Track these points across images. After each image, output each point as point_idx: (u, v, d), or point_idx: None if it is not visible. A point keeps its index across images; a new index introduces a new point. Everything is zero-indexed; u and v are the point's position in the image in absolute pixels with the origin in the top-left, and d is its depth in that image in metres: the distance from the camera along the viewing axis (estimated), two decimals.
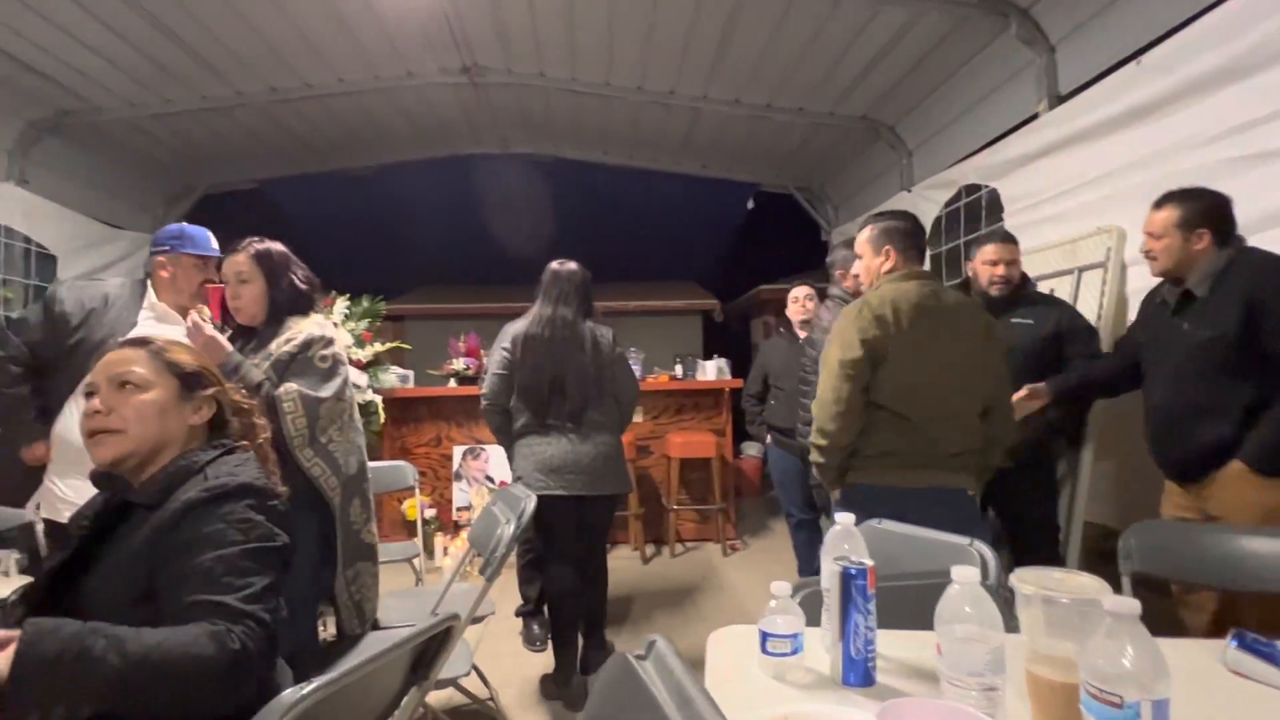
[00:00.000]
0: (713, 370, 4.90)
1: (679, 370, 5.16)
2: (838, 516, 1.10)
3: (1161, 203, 1.99)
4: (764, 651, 1.01)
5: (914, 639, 1.07)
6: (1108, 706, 0.71)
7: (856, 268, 2.13)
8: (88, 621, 0.95)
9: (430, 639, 1.12)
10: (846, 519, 1.11)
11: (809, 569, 3.31)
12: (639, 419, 4.58)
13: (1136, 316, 2.24)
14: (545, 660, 2.71)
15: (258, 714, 0.86)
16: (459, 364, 4.67)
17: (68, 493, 2.06)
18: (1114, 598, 0.75)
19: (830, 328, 2.05)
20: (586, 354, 2.58)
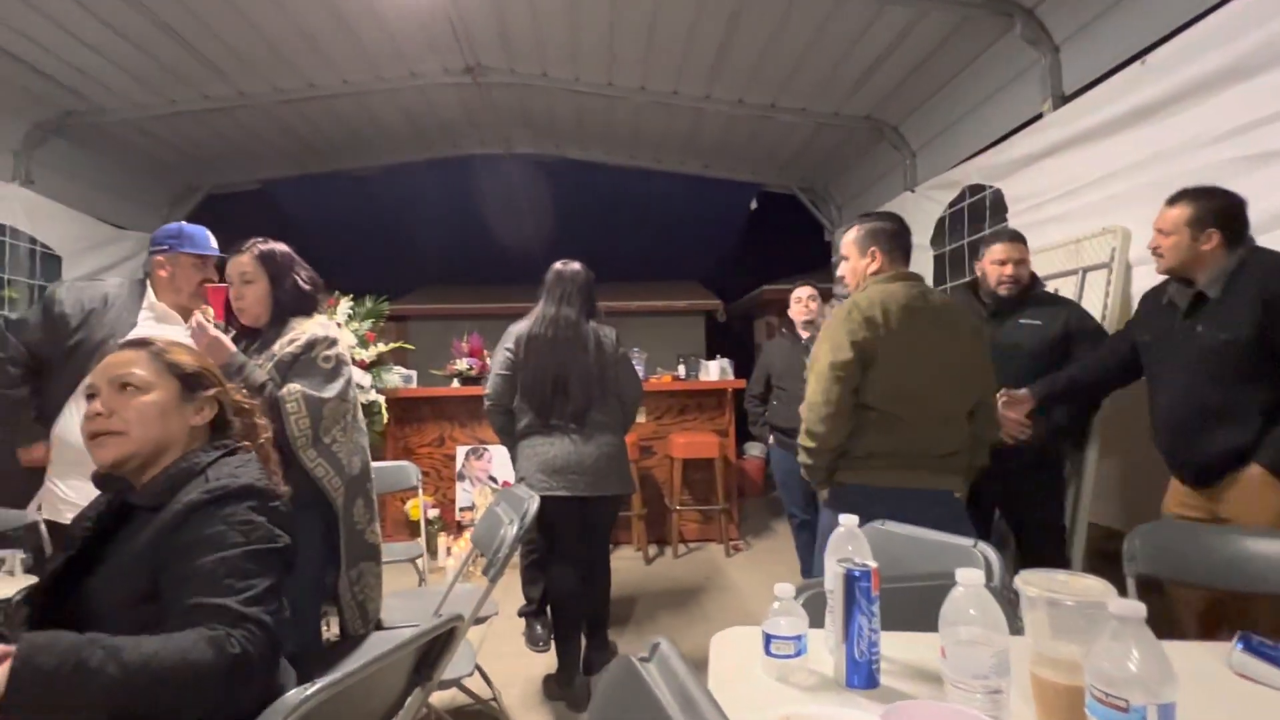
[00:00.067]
0: (716, 370, 4.91)
1: (682, 370, 5.16)
2: (841, 519, 1.10)
3: (1175, 199, 1.95)
4: (767, 653, 1.00)
5: (918, 641, 1.06)
6: (1113, 710, 0.70)
7: (843, 269, 2.11)
8: (86, 628, 0.94)
9: (434, 639, 1.12)
10: (850, 521, 1.10)
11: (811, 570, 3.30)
12: (642, 419, 4.58)
13: (1135, 315, 2.21)
14: (548, 660, 2.71)
15: (262, 715, 0.87)
16: (462, 364, 4.68)
17: (69, 494, 2.07)
18: (1120, 601, 0.75)
19: None
20: (590, 354, 2.58)
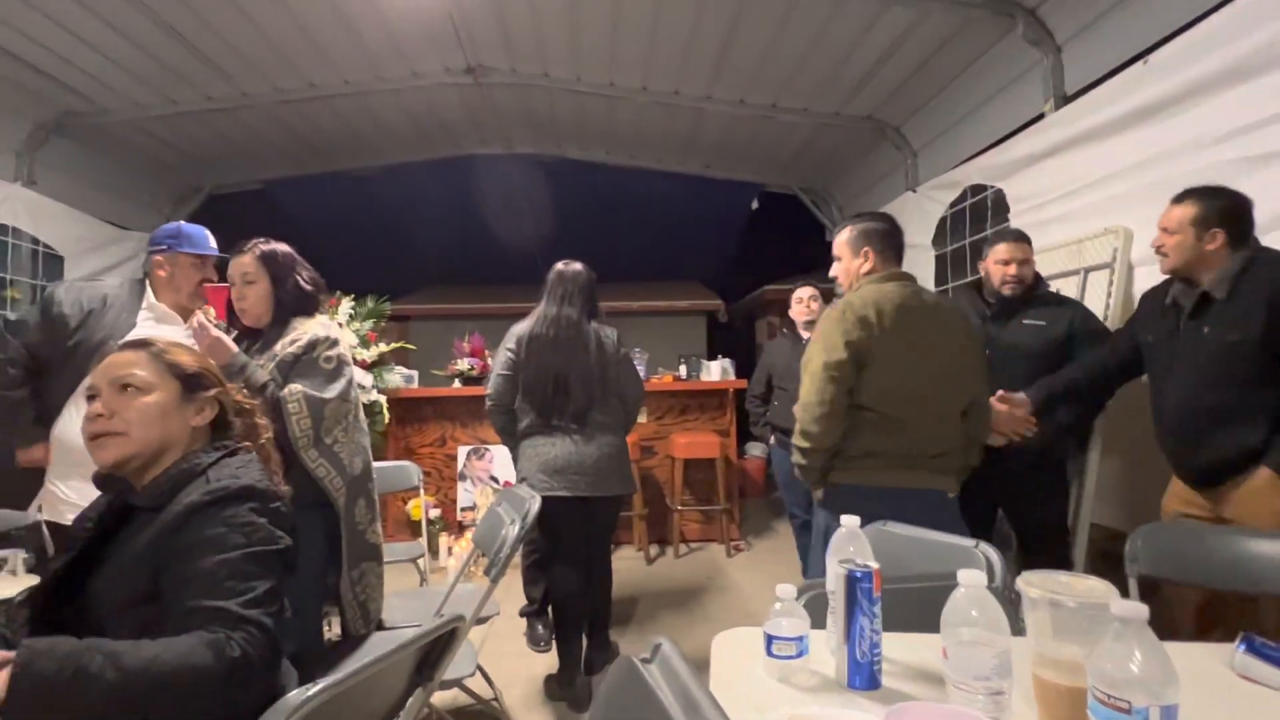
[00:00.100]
0: (717, 371, 4.91)
1: (683, 371, 5.16)
2: (843, 520, 1.10)
3: (1181, 198, 1.94)
4: (769, 654, 1.00)
5: (920, 642, 1.06)
6: (1116, 712, 0.70)
7: (836, 270, 2.11)
8: (88, 628, 0.95)
9: (435, 640, 1.12)
10: (851, 521, 1.10)
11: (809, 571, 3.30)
12: (643, 419, 4.58)
13: (1136, 315, 2.19)
14: (549, 661, 2.71)
15: (263, 715, 0.87)
16: (463, 364, 4.68)
17: (69, 494, 2.06)
18: (1122, 602, 0.75)
19: None
20: (591, 354, 2.58)
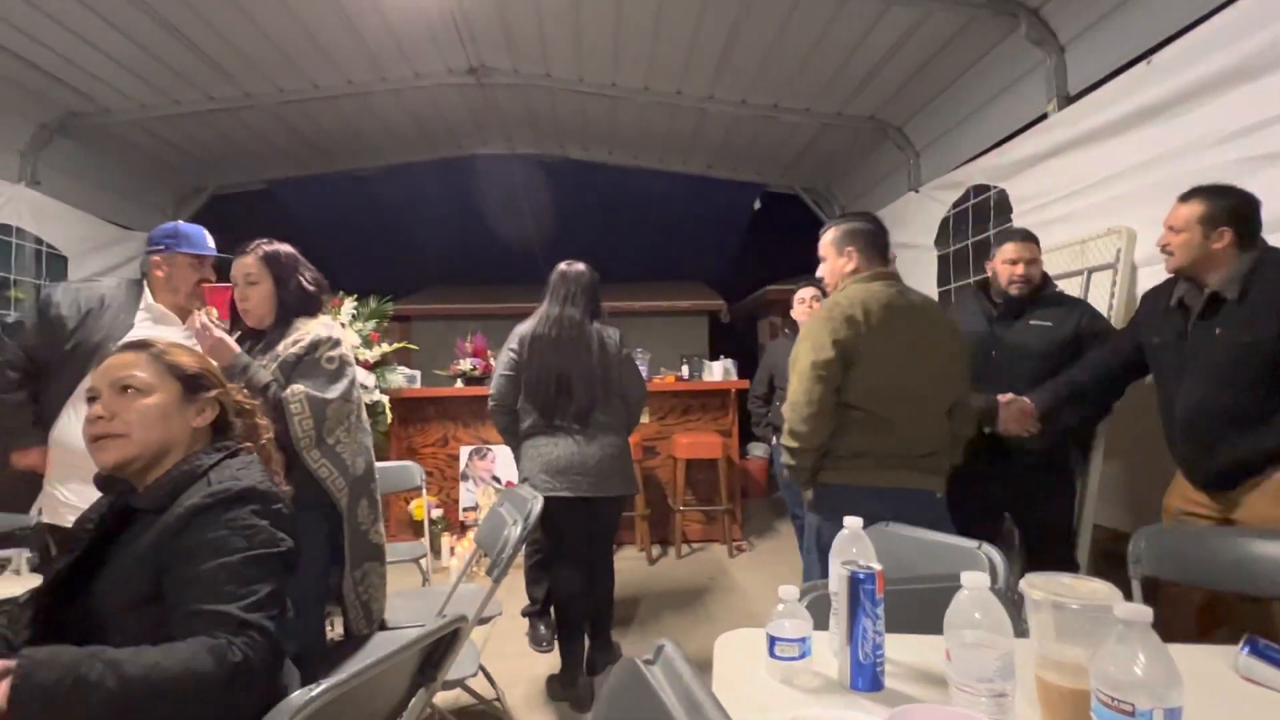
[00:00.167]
0: (719, 371, 4.90)
1: (685, 371, 5.16)
2: (846, 521, 1.10)
3: (1188, 196, 1.92)
4: (771, 655, 1.00)
5: (922, 643, 1.06)
6: (1119, 714, 0.70)
7: (822, 270, 2.12)
8: (90, 629, 0.94)
9: (438, 640, 1.12)
10: (854, 523, 1.10)
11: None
12: (645, 420, 4.58)
13: (1139, 316, 2.18)
14: (551, 661, 2.71)
15: (266, 716, 0.87)
16: (466, 364, 4.68)
17: (69, 497, 2.04)
18: (1126, 604, 0.75)
19: None
20: (593, 355, 2.58)
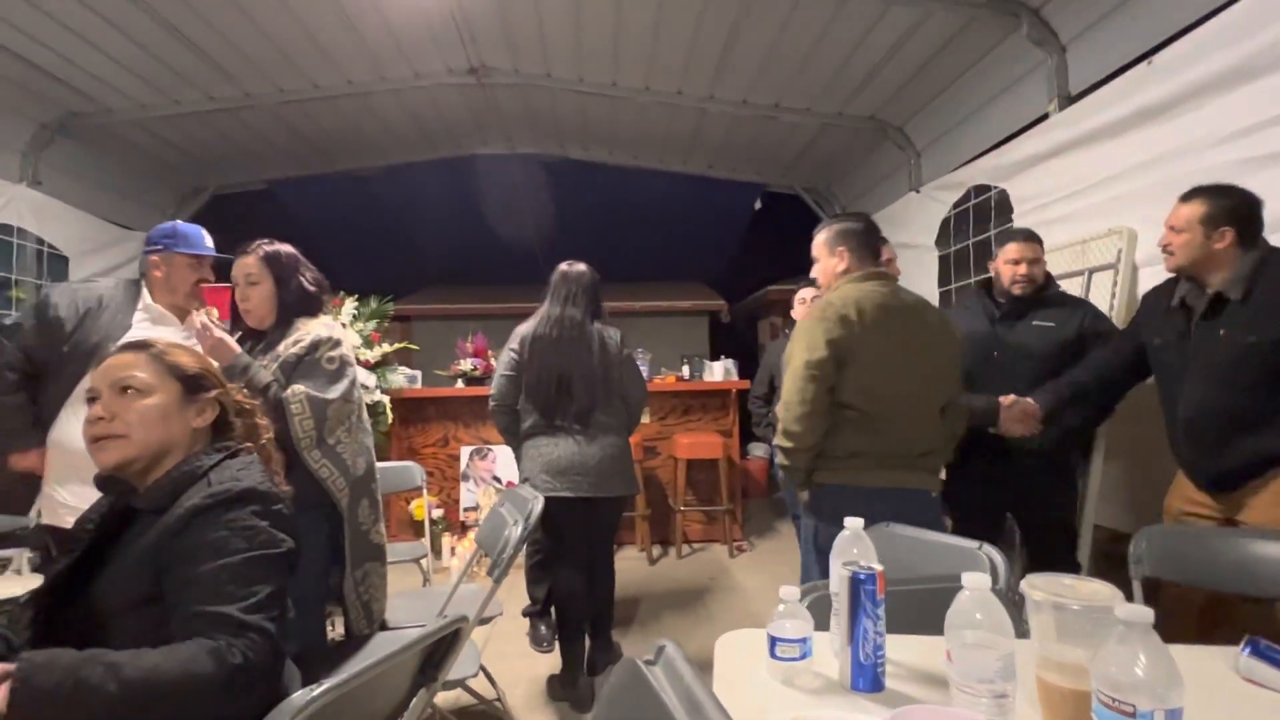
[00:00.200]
0: (720, 371, 4.90)
1: (686, 371, 5.16)
2: (847, 521, 1.10)
3: (1190, 196, 1.91)
4: (772, 656, 1.00)
5: (923, 644, 1.06)
6: (1120, 715, 0.70)
7: (815, 271, 2.13)
8: (91, 630, 0.94)
9: (439, 640, 1.12)
10: (855, 524, 1.10)
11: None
12: (646, 420, 4.58)
13: (1140, 317, 2.18)
14: (552, 661, 2.71)
15: (268, 716, 0.87)
16: (466, 364, 4.68)
17: (68, 498, 2.03)
18: (1127, 605, 0.75)
19: None
20: (594, 355, 2.58)
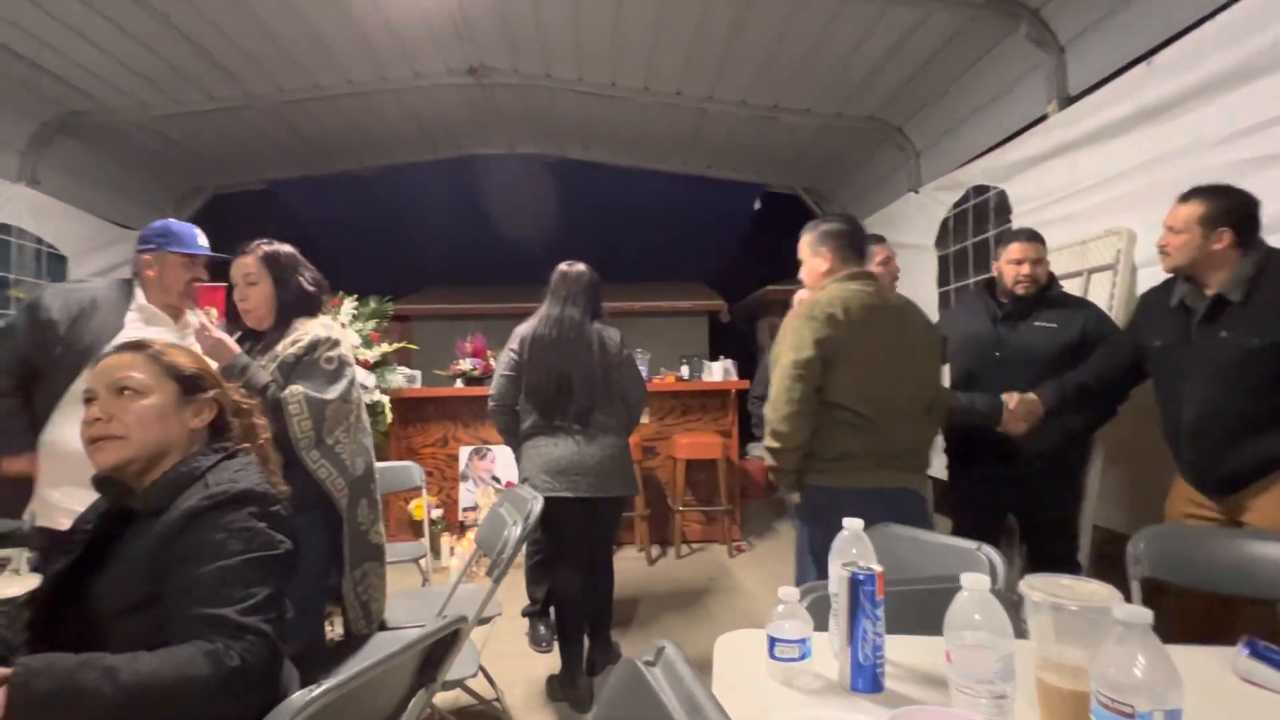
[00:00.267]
0: (719, 371, 4.90)
1: (685, 371, 5.15)
2: (846, 522, 1.10)
3: (1188, 196, 1.90)
4: (772, 656, 1.00)
5: (923, 645, 1.06)
6: (1119, 716, 0.70)
7: (801, 272, 2.15)
8: (90, 631, 0.94)
9: (438, 640, 1.12)
10: (854, 524, 1.10)
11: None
12: (645, 420, 4.58)
13: (1138, 318, 2.18)
14: (551, 661, 2.72)
15: (266, 717, 0.87)
16: (466, 364, 4.68)
17: (62, 500, 1.99)
18: (1125, 606, 0.75)
19: None
20: (594, 355, 2.58)
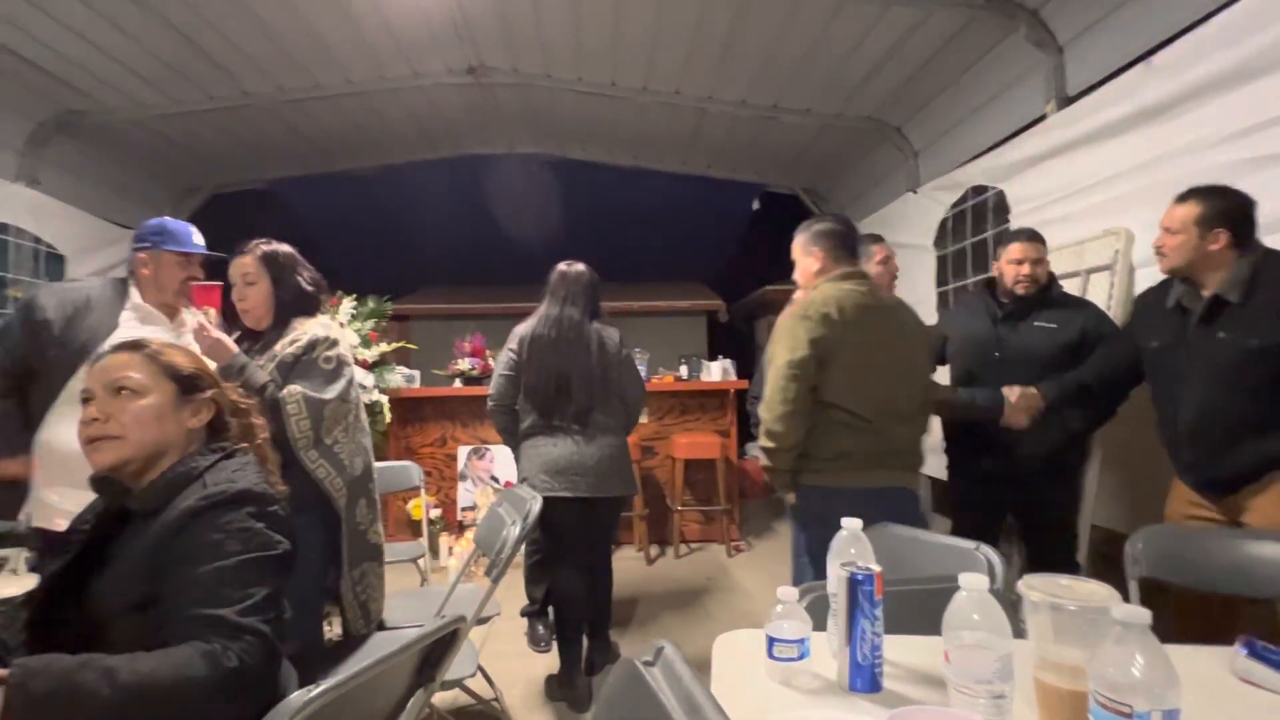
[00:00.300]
0: (717, 371, 4.90)
1: (684, 371, 5.15)
2: (844, 522, 1.10)
3: (1184, 197, 1.90)
4: (770, 656, 1.01)
5: (921, 644, 1.07)
6: (1117, 716, 0.70)
7: (796, 274, 2.16)
8: (88, 631, 0.94)
9: (437, 640, 1.11)
10: (853, 524, 1.10)
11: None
12: (644, 420, 4.58)
13: (1135, 320, 2.18)
14: (550, 661, 2.71)
15: (265, 717, 0.87)
16: (464, 364, 4.68)
17: (58, 501, 1.98)
18: (1124, 606, 0.75)
19: None
20: (593, 355, 2.58)
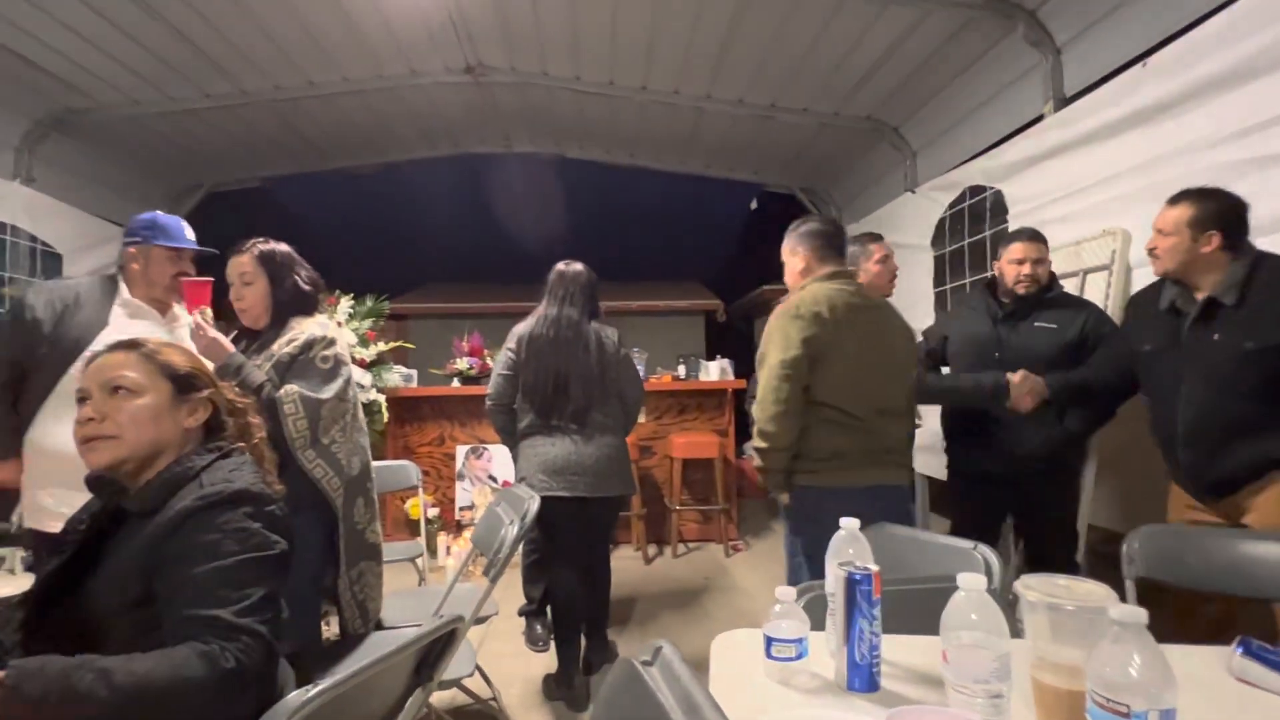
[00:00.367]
0: (716, 371, 4.91)
1: (682, 370, 5.16)
2: (843, 522, 1.10)
3: (1177, 199, 1.92)
4: (769, 656, 1.01)
5: (919, 644, 1.07)
6: (1114, 715, 0.71)
7: (786, 275, 2.19)
8: (84, 631, 0.93)
9: (434, 640, 1.11)
10: (851, 524, 1.10)
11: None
12: (642, 419, 4.58)
13: (1128, 321, 2.18)
14: (548, 660, 2.71)
15: (263, 717, 0.86)
16: (462, 363, 4.68)
17: (49, 502, 1.97)
18: (1121, 606, 0.75)
19: None
20: (591, 355, 2.58)
